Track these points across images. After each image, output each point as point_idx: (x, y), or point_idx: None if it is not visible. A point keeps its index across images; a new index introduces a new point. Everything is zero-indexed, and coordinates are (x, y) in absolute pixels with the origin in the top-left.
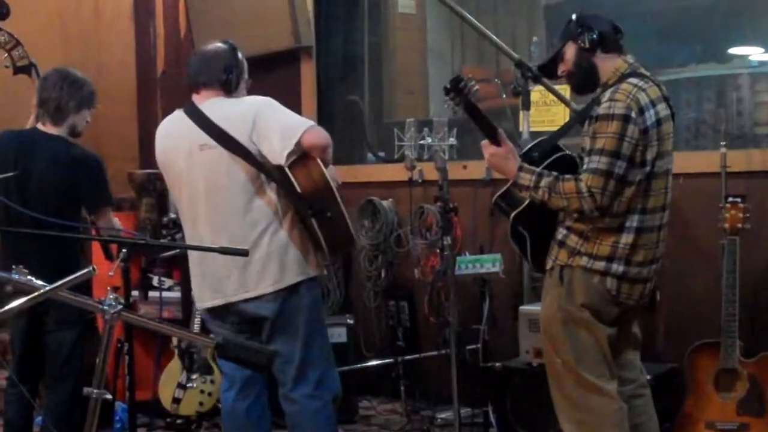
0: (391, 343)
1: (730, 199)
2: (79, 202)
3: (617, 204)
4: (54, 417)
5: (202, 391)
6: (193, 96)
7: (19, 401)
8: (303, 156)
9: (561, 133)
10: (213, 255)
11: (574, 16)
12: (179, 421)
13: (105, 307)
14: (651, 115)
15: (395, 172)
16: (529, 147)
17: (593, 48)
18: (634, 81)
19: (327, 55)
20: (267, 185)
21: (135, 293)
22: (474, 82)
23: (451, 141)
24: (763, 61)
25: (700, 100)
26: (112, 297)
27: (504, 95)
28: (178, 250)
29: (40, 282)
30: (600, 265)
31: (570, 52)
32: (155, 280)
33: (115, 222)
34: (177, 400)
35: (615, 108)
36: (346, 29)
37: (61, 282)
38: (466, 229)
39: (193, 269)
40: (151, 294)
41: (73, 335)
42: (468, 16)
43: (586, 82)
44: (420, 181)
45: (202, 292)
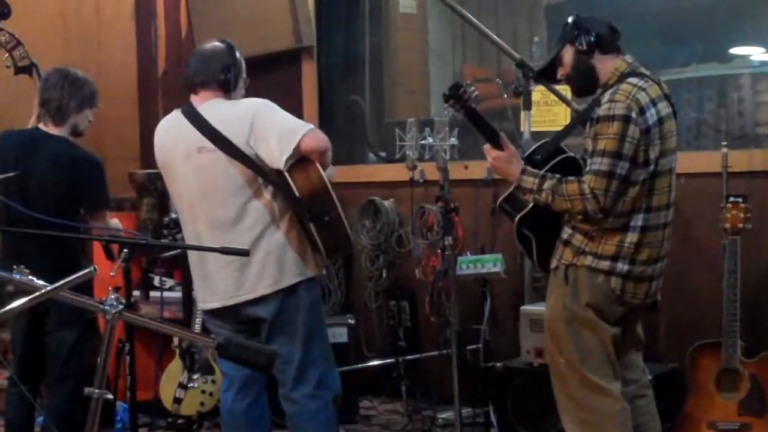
0: (392, 343)
1: (732, 199)
2: (79, 203)
3: (621, 204)
4: (54, 417)
5: (203, 391)
6: (192, 96)
7: (20, 401)
8: (302, 159)
9: (563, 134)
10: (213, 256)
11: (571, 19)
12: (180, 421)
13: (106, 307)
14: (652, 114)
15: (396, 172)
16: (532, 150)
17: (591, 50)
18: (634, 81)
19: (328, 55)
20: (264, 188)
21: (136, 293)
22: (473, 88)
23: (452, 141)
24: (764, 61)
25: (701, 100)
26: (113, 297)
27: (505, 95)
28: (179, 250)
29: (41, 282)
30: (605, 264)
31: (568, 55)
32: (156, 280)
33: (114, 223)
34: (178, 400)
35: (615, 109)
36: (347, 29)
37: (62, 282)
38: (467, 229)
39: (193, 271)
40: (153, 294)
41: (74, 335)
42: (469, 16)
43: (585, 84)
44: (421, 181)
45: (203, 293)
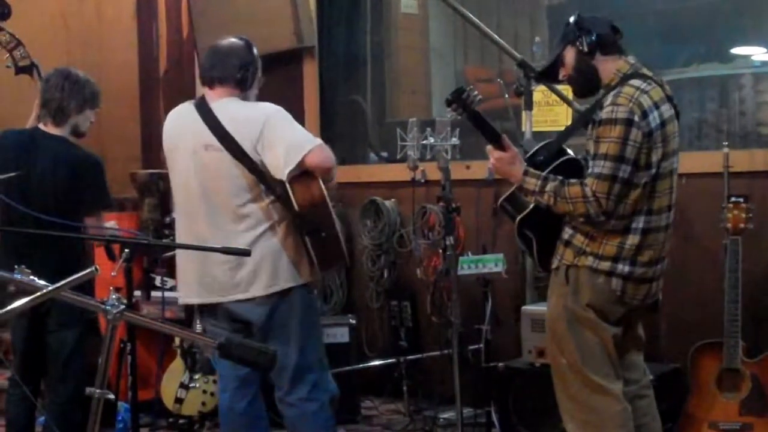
0: (393, 343)
1: (733, 199)
2: (79, 203)
3: (623, 207)
4: (55, 417)
5: (205, 391)
6: (206, 91)
7: (21, 401)
8: (305, 172)
9: (565, 136)
10: (208, 253)
11: (572, 19)
12: (182, 421)
13: (107, 307)
14: (655, 118)
15: (398, 172)
16: (534, 150)
17: (592, 51)
18: (637, 83)
19: (329, 55)
20: (265, 194)
21: (137, 293)
22: (476, 92)
23: (454, 141)
24: (765, 61)
25: (702, 100)
26: (114, 297)
27: (506, 95)
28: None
29: (42, 282)
30: (606, 265)
31: (569, 56)
32: (158, 280)
33: (110, 224)
34: (179, 400)
35: (618, 112)
36: (349, 29)
37: (63, 282)
38: (468, 229)
39: (186, 264)
40: (154, 294)
41: (75, 335)
42: (470, 15)
43: (587, 85)
44: (423, 181)
45: (193, 288)
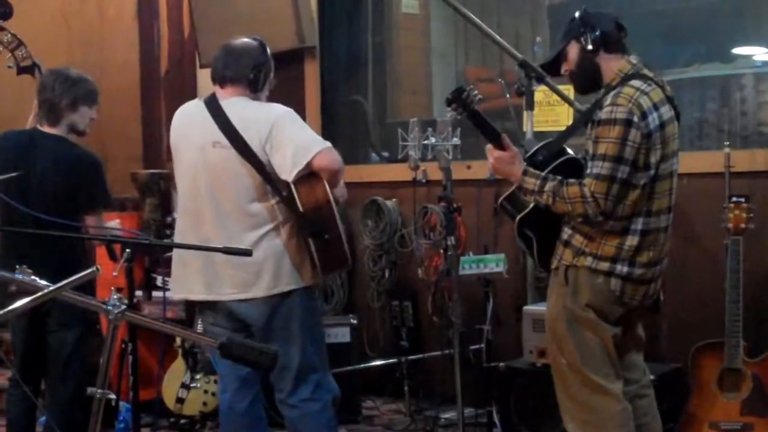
0: (394, 343)
1: (734, 199)
2: (78, 202)
3: (622, 208)
4: (56, 417)
5: (206, 391)
6: (217, 89)
7: (21, 401)
8: (311, 174)
9: (565, 136)
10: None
11: (578, 14)
12: (183, 421)
13: (109, 307)
14: (654, 119)
15: (399, 172)
16: (534, 150)
17: (596, 48)
18: (637, 84)
19: (330, 56)
20: (271, 194)
21: (139, 293)
22: (476, 91)
23: (455, 141)
24: (766, 61)
25: (703, 100)
26: (115, 297)
27: (507, 95)
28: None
29: (43, 282)
30: (604, 265)
31: (573, 51)
32: (159, 280)
33: (112, 223)
34: (181, 400)
35: (617, 112)
36: (350, 29)
37: (64, 282)
38: (469, 229)
39: (187, 259)
40: (155, 294)
41: (75, 335)
42: (471, 16)
43: (588, 82)
44: (424, 181)
45: (193, 284)
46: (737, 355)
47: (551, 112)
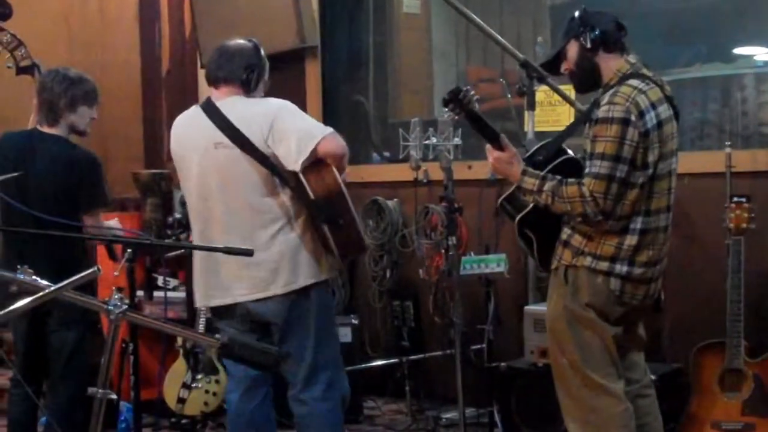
0: (395, 343)
1: (735, 199)
2: (77, 202)
3: (621, 207)
4: (57, 417)
5: (207, 391)
6: (212, 91)
7: (23, 401)
8: (317, 161)
9: (565, 135)
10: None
11: (578, 13)
12: (184, 421)
13: (110, 307)
14: (651, 118)
15: (400, 172)
16: (534, 150)
17: (595, 48)
18: (635, 83)
19: (332, 55)
20: (281, 188)
21: (140, 293)
22: (473, 91)
23: (456, 141)
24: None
25: (705, 100)
26: (116, 297)
27: (509, 95)
28: (183, 251)
29: (45, 282)
30: (604, 265)
31: (573, 50)
32: (160, 280)
33: (112, 223)
34: (182, 400)
35: (614, 111)
36: (351, 29)
37: (66, 282)
38: (471, 229)
39: (201, 268)
40: (156, 294)
41: (76, 335)
42: (473, 16)
43: (587, 81)
44: (425, 181)
45: (211, 290)
46: (738, 356)
47: (552, 112)
